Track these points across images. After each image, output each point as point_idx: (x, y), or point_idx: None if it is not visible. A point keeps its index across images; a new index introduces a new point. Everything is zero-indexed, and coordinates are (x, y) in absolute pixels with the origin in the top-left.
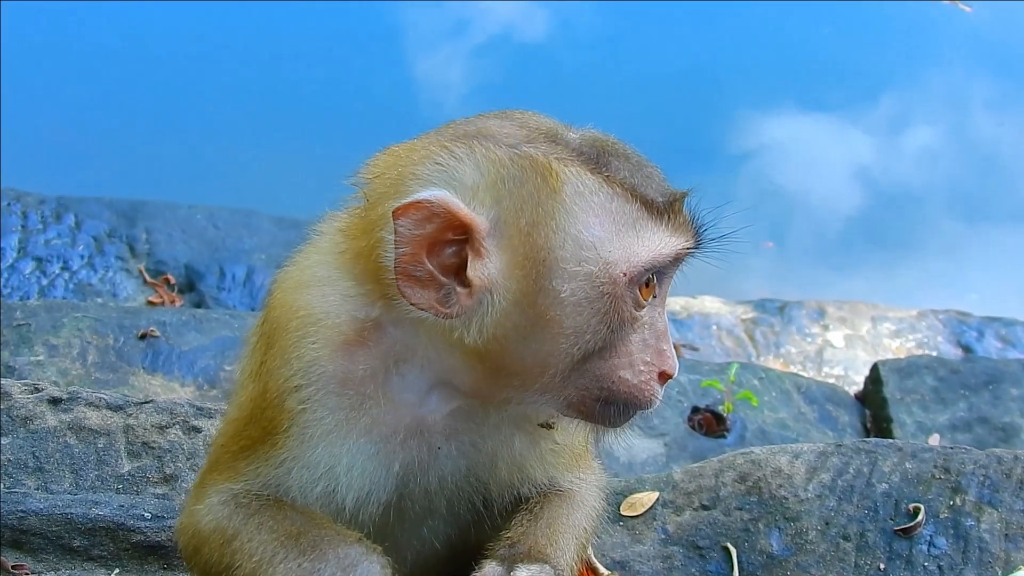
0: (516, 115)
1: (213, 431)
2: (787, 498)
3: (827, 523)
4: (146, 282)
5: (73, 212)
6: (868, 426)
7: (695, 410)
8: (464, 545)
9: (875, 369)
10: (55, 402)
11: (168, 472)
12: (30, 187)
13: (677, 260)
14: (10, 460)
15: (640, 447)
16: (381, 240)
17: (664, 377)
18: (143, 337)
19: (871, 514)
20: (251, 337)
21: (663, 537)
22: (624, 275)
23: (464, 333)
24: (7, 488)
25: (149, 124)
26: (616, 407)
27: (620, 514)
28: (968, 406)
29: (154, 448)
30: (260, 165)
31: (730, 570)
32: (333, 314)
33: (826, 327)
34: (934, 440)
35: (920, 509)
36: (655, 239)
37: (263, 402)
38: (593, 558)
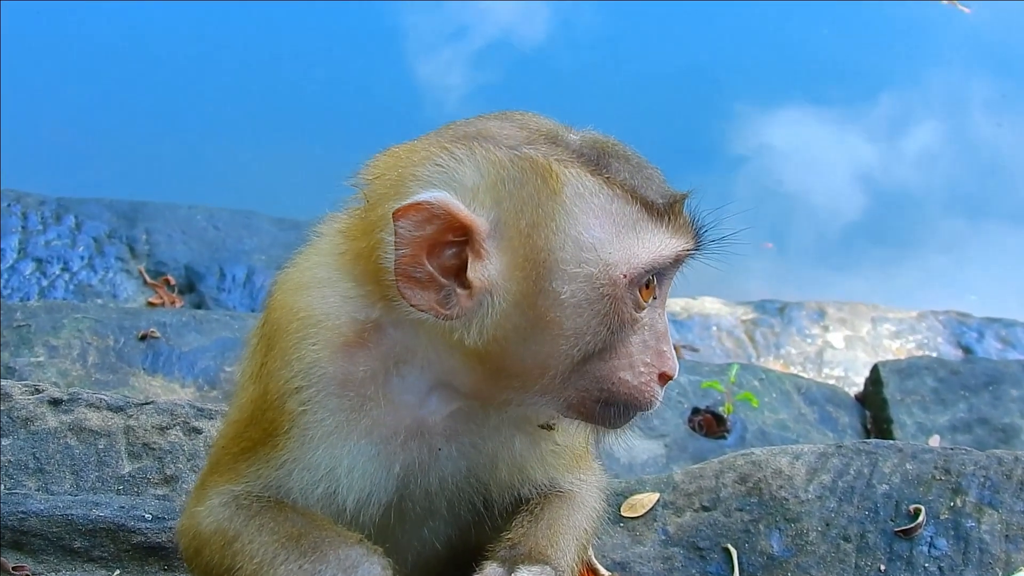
0: (516, 116)
1: (214, 432)
2: (787, 499)
3: (828, 524)
4: (146, 283)
5: (73, 213)
6: (868, 427)
7: (695, 411)
8: (465, 546)
9: (875, 370)
10: (55, 403)
11: (169, 473)
12: (30, 188)
13: (677, 262)
14: (11, 461)
15: (640, 448)
16: (381, 241)
17: (664, 378)
18: (143, 338)
19: (871, 515)
20: (251, 339)
21: (664, 538)
22: (624, 276)
23: (464, 334)
24: (8, 489)
25: (149, 125)
26: (616, 408)
27: (621, 515)
28: (968, 407)
29: (155, 449)
30: (260, 166)
31: (730, 571)
32: (333, 315)
33: (826, 328)
34: (934, 441)
35: (920, 510)
36: (655, 241)
37: (264, 404)
38: (594, 559)
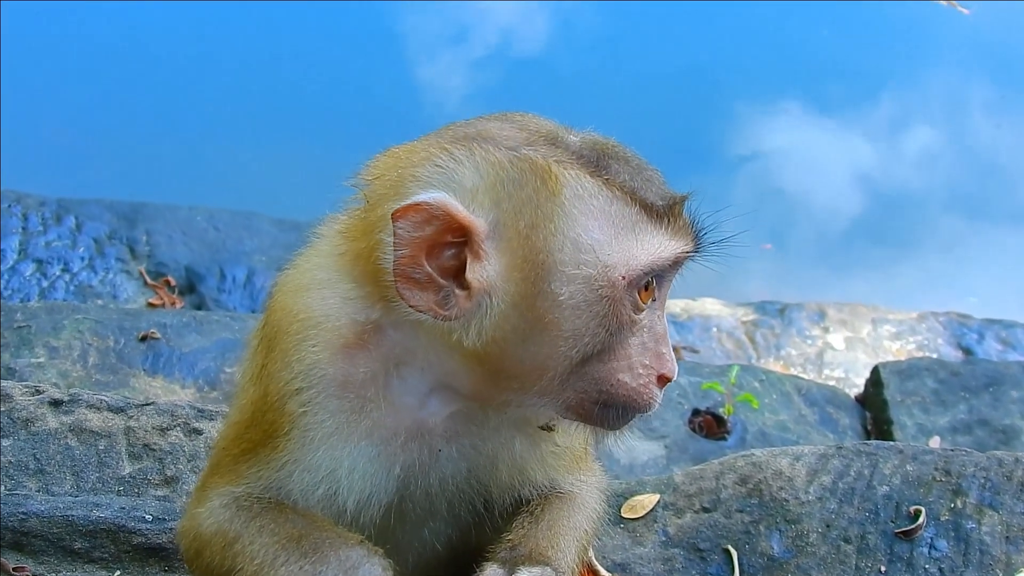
0: (516, 117)
1: (214, 433)
2: (788, 500)
3: (828, 525)
4: (146, 284)
5: (74, 214)
6: (868, 428)
7: (696, 412)
8: (465, 547)
9: (875, 371)
10: (56, 404)
11: (169, 474)
12: (30, 189)
13: (676, 264)
14: (11, 462)
15: (641, 449)
16: (380, 242)
17: (663, 380)
18: (144, 339)
19: (872, 516)
20: (252, 340)
21: (664, 539)
22: (623, 278)
23: (463, 335)
24: (8, 490)
25: (149, 126)
26: (615, 410)
27: (621, 516)
28: (968, 408)
29: (155, 450)
30: (261, 167)
31: (731, 572)
32: (333, 317)
33: (826, 329)
34: (935, 442)
35: (921, 511)
36: (654, 242)
37: (264, 405)
38: (594, 560)
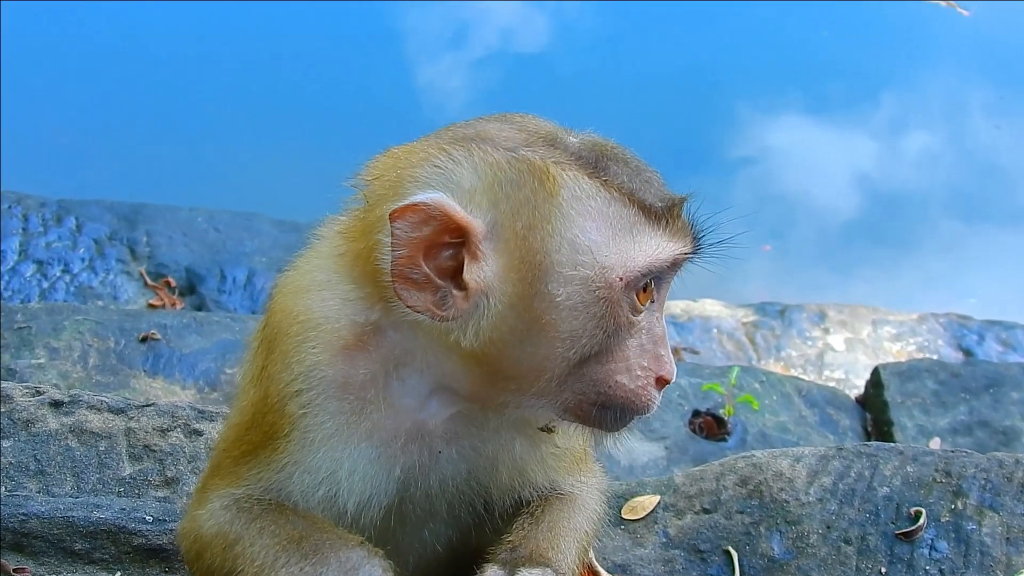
0: (516, 118)
1: (214, 434)
2: (788, 502)
3: (828, 527)
4: (147, 285)
5: (74, 215)
6: (869, 429)
7: (696, 413)
8: (465, 548)
9: (876, 372)
10: (56, 405)
11: (169, 475)
12: (31, 190)
13: (675, 265)
14: (11, 463)
15: (641, 450)
16: (379, 242)
17: (661, 382)
18: (144, 340)
19: (872, 518)
20: (252, 342)
21: (664, 540)
22: (620, 280)
23: (460, 336)
24: (8, 491)
25: (150, 127)
26: (613, 412)
27: (621, 517)
28: (969, 410)
29: (155, 451)
30: (261, 168)
31: (731, 573)
32: (333, 318)
33: (827, 330)
34: (935, 444)
35: (921, 513)
36: (652, 244)
37: (264, 407)
38: (594, 561)
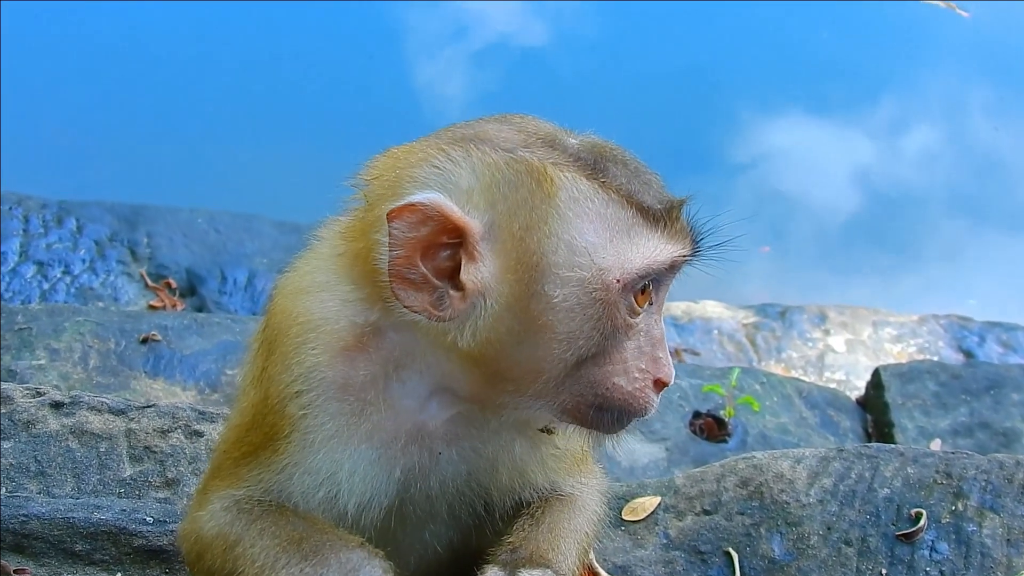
0: (515, 119)
1: (215, 435)
2: (789, 503)
3: (829, 528)
4: (147, 286)
5: (75, 216)
6: (869, 431)
7: (696, 415)
8: (466, 549)
9: (876, 374)
10: (57, 406)
11: (170, 476)
12: (31, 191)
13: (673, 267)
14: (12, 464)
15: (642, 452)
16: (377, 242)
17: (660, 385)
18: (144, 341)
19: (873, 519)
20: (253, 343)
21: (665, 542)
22: (618, 282)
23: (458, 337)
24: (9, 492)
25: (150, 128)
26: (611, 414)
27: (622, 519)
28: (969, 411)
29: (156, 452)
30: (261, 169)
31: (732, 575)
32: (332, 320)
33: (827, 332)
34: (935, 445)
35: (922, 514)
36: (650, 246)
37: (264, 408)
38: (595, 563)
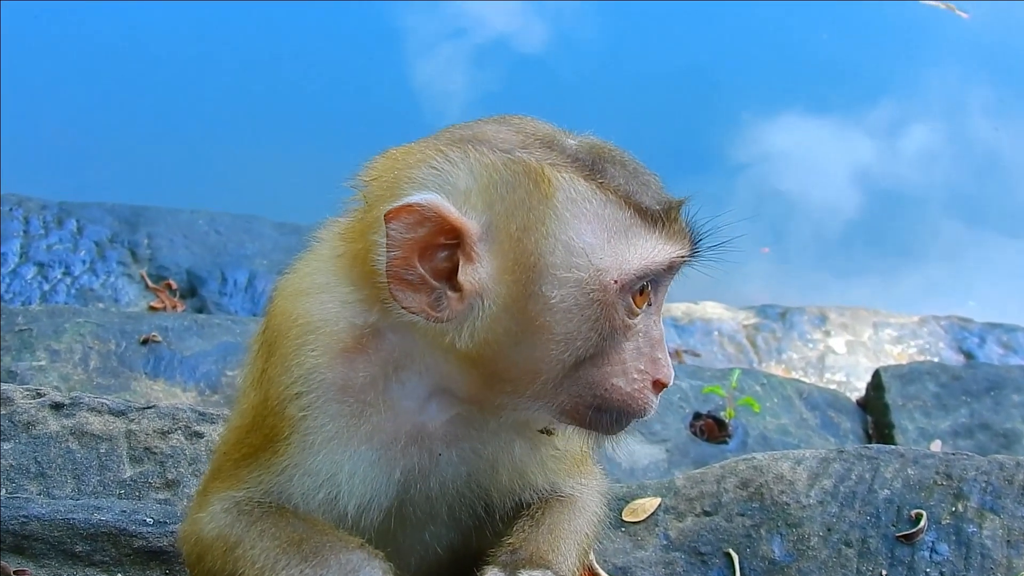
0: (514, 120)
1: (215, 436)
2: (789, 504)
3: (829, 529)
4: (148, 287)
5: (75, 217)
6: (870, 432)
7: (697, 416)
8: (466, 550)
9: (877, 375)
10: (57, 407)
11: (170, 477)
12: (32, 192)
13: (672, 268)
14: (12, 465)
15: (642, 453)
16: (376, 243)
17: (659, 386)
18: (145, 342)
19: (873, 520)
20: (253, 345)
21: (665, 543)
22: (615, 282)
23: (456, 338)
24: (9, 493)
25: (151, 129)
26: (610, 415)
27: (622, 520)
28: (970, 412)
29: (156, 453)
30: (262, 170)
31: None
32: (331, 321)
33: (828, 333)
34: (936, 446)
35: (922, 515)
36: (648, 246)
37: (264, 410)
38: (595, 564)
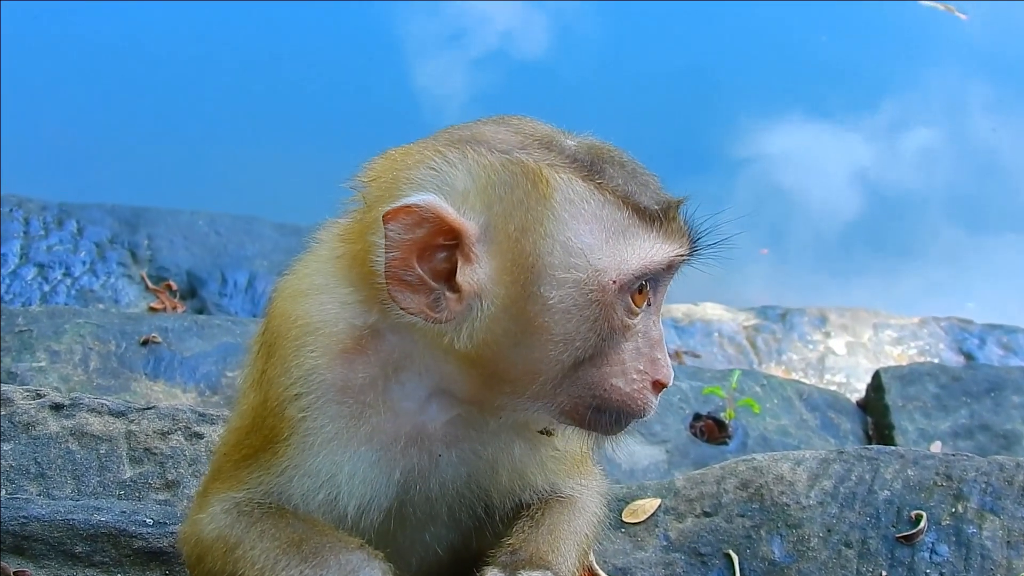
0: (513, 121)
1: (215, 437)
2: (789, 505)
3: (829, 530)
4: (148, 288)
5: (75, 218)
6: (870, 433)
7: (697, 417)
8: (466, 551)
9: (877, 376)
10: (57, 408)
11: (170, 478)
12: (32, 193)
13: (670, 268)
14: (12, 466)
15: (642, 454)
16: (375, 244)
17: (658, 386)
18: (145, 343)
19: (873, 521)
20: (252, 346)
21: (665, 544)
22: (614, 283)
23: (455, 338)
24: (9, 494)
25: (151, 130)
26: (609, 415)
27: (622, 521)
28: (970, 413)
29: (156, 454)
30: (262, 171)
31: None
32: (331, 322)
33: (828, 334)
34: (936, 447)
35: (922, 516)
36: (646, 246)
37: (264, 411)
38: (595, 565)
